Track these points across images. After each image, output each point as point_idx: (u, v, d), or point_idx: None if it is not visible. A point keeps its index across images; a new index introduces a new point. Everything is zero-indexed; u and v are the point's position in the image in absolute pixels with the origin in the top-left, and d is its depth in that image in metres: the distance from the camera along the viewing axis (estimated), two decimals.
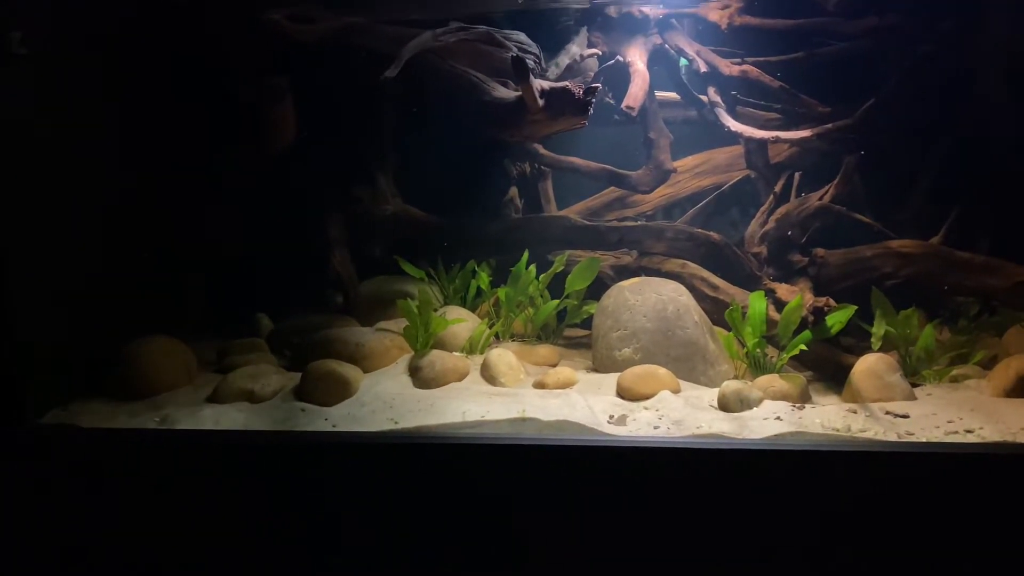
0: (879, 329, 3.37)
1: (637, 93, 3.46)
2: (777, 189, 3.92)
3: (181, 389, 3.15)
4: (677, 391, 3.08)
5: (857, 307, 3.22)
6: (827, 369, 3.28)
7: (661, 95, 3.97)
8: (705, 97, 3.73)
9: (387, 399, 2.96)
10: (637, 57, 3.65)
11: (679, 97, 4.01)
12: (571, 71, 3.66)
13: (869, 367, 3.04)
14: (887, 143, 3.71)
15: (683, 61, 3.85)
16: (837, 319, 3.16)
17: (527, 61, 3.15)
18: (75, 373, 3.03)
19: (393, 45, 3.21)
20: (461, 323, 3.54)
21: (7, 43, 2.70)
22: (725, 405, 2.93)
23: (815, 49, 3.74)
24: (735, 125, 3.58)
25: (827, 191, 3.84)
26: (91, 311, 3.07)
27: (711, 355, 3.33)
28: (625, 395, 3.06)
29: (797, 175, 4.04)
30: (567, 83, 3.17)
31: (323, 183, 3.92)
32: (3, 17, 2.69)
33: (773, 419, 2.79)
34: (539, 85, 3.16)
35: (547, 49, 3.61)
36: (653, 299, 3.41)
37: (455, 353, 3.38)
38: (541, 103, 3.15)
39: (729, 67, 3.71)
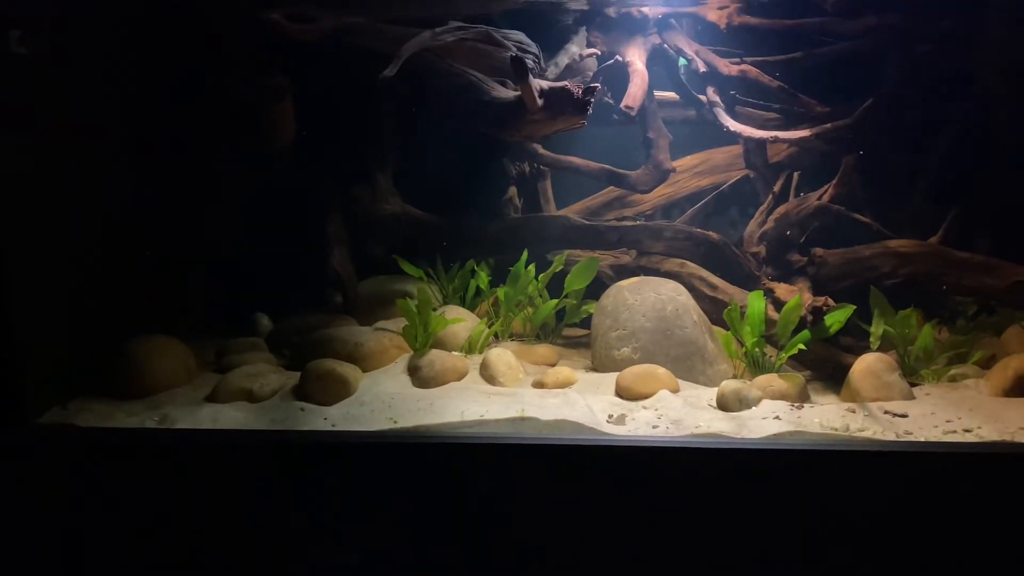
0: (878, 328, 3.37)
1: (636, 93, 3.47)
2: (776, 189, 3.93)
3: (180, 388, 3.15)
4: (676, 390, 3.08)
5: (856, 307, 3.23)
6: (826, 368, 3.29)
7: (660, 95, 3.98)
8: (704, 97, 3.73)
9: (386, 398, 2.96)
10: (636, 57, 3.65)
11: (678, 97, 4.01)
12: (570, 71, 3.67)
13: (868, 366, 3.05)
14: (886, 143, 3.71)
15: (682, 61, 3.85)
16: (836, 319, 3.17)
17: (526, 61, 3.15)
18: (74, 372, 3.03)
19: (392, 44, 3.21)
20: (460, 323, 3.54)
21: (6, 42, 2.69)
22: (724, 404, 2.93)
23: (814, 49, 3.75)
24: (734, 125, 3.59)
25: (826, 191, 3.85)
26: (90, 310, 3.07)
27: (710, 354, 3.33)
28: (624, 394, 3.06)
29: (796, 175, 4.05)
30: (566, 83, 3.17)
31: (322, 182, 3.92)
32: (2, 16, 2.69)
33: (772, 418, 2.80)
34: (538, 85, 3.16)
35: (546, 49, 3.61)
36: (652, 299, 3.41)
37: (454, 353, 3.38)
38: (540, 103, 3.15)
39: (728, 67, 3.72)
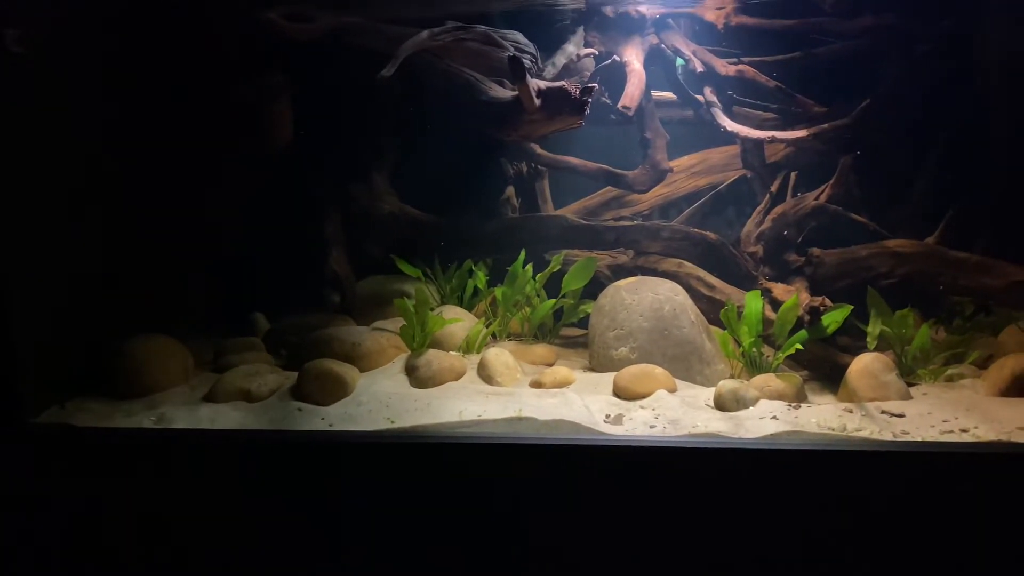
0: (875, 328, 3.38)
1: (633, 93, 3.47)
2: (773, 189, 3.93)
3: (177, 388, 3.14)
4: (673, 390, 3.08)
5: (853, 306, 3.23)
6: (823, 368, 3.29)
7: (657, 95, 3.98)
8: (701, 97, 3.73)
9: (384, 398, 2.96)
10: (633, 57, 3.66)
11: (675, 97, 4.01)
12: (568, 71, 3.66)
13: (865, 366, 3.05)
14: (883, 143, 3.72)
15: (679, 61, 3.85)
16: (833, 318, 3.17)
17: (524, 61, 3.15)
18: (71, 372, 3.02)
19: (390, 44, 3.20)
20: (458, 322, 3.54)
21: (3, 41, 2.69)
22: (721, 404, 2.93)
23: (811, 49, 3.75)
24: (731, 125, 3.59)
25: (823, 191, 3.86)
26: (87, 310, 3.07)
27: (707, 354, 3.34)
28: (621, 394, 3.06)
29: (793, 175, 4.06)
30: (563, 83, 3.17)
31: (320, 182, 3.92)
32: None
33: (769, 418, 2.80)
34: (536, 85, 3.16)
35: (544, 49, 3.60)
36: (649, 298, 3.41)
37: (452, 352, 3.38)
38: (538, 103, 3.15)
39: (725, 67, 3.73)
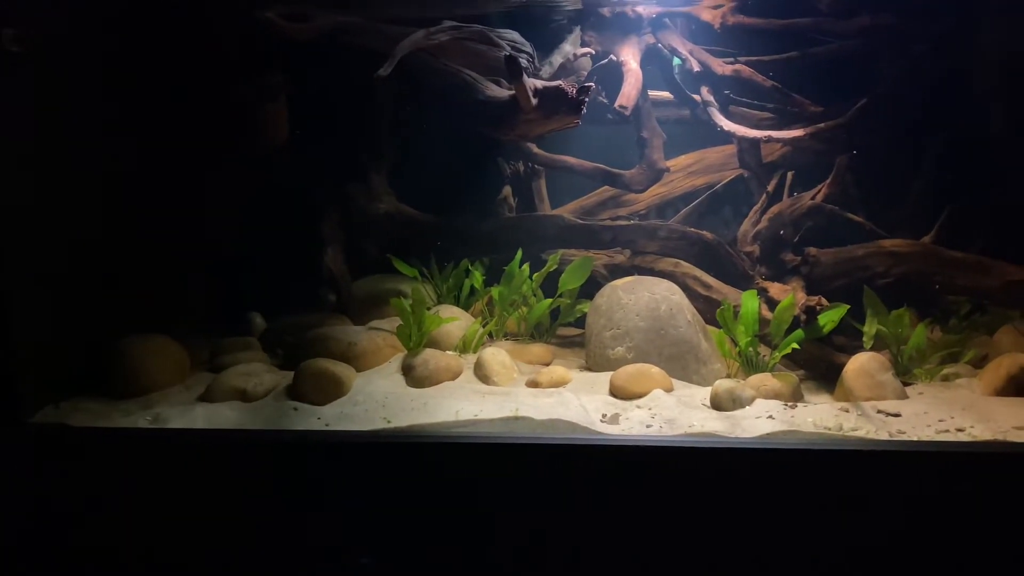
0: (871, 328, 3.38)
1: (630, 92, 3.47)
2: (770, 188, 3.94)
3: (173, 388, 3.14)
4: (670, 390, 3.08)
5: (849, 306, 3.24)
6: (819, 368, 3.29)
7: (654, 94, 3.98)
8: (698, 96, 3.73)
9: (380, 398, 2.96)
10: (630, 56, 3.66)
11: (672, 96, 4.01)
12: (564, 70, 3.66)
13: (861, 366, 3.05)
14: (879, 142, 3.72)
15: (676, 60, 3.85)
16: (829, 318, 3.18)
17: (520, 60, 3.15)
18: (67, 371, 3.02)
19: (387, 44, 3.20)
20: (454, 322, 3.54)
21: (1, 40, 2.68)
22: (717, 404, 2.93)
23: (808, 48, 3.75)
24: (728, 124, 3.59)
25: (819, 190, 3.86)
26: (84, 309, 3.06)
27: (704, 354, 3.34)
28: (618, 394, 3.06)
29: (790, 174, 4.06)
30: (560, 82, 3.17)
31: (317, 181, 3.92)
32: None
33: (765, 418, 2.80)
34: (532, 84, 3.15)
35: (540, 48, 3.60)
36: (646, 298, 3.41)
37: (448, 352, 3.38)
38: (534, 102, 3.15)
39: (722, 66, 3.73)
